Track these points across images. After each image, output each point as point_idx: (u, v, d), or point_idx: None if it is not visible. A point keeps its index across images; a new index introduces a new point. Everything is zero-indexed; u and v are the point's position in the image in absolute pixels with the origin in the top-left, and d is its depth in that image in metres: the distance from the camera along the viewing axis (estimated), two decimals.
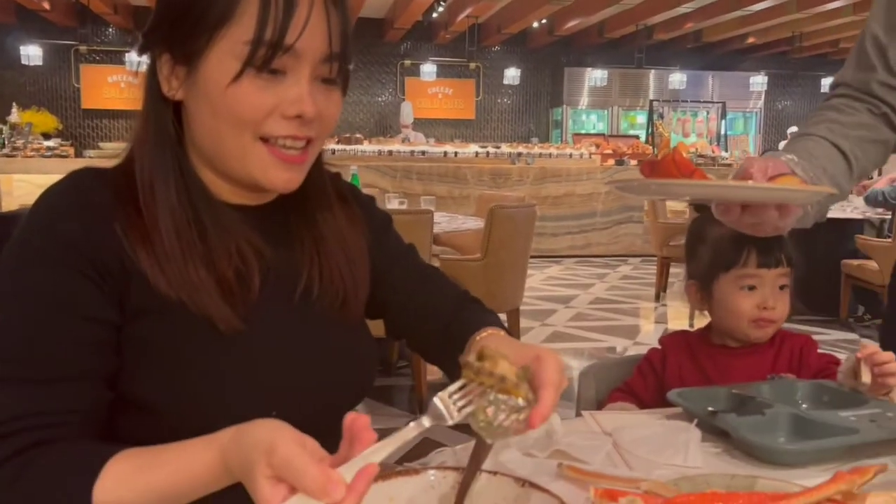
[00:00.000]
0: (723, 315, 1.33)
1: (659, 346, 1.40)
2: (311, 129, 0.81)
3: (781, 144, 10.05)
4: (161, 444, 0.71)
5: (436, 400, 0.69)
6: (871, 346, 1.09)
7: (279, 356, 0.84)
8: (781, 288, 1.32)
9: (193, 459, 0.67)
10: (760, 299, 1.30)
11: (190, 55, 0.79)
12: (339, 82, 0.83)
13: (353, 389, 0.93)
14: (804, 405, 1.06)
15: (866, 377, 1.06)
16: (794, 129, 10.79)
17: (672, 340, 1.40)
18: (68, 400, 0.74)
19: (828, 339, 4.89)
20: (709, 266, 1.34)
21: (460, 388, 0.70)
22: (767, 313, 1.29)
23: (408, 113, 9.85)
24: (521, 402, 0.70)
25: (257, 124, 0.79)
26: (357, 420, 0.62)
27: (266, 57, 0.76)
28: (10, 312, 0.75)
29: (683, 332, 1.43)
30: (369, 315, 1.00)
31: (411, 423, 0.66)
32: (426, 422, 0.67)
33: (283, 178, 0.82)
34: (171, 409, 0.78)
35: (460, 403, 0.69)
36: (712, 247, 1.34)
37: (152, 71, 0.84)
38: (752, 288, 1.31)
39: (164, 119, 0.84)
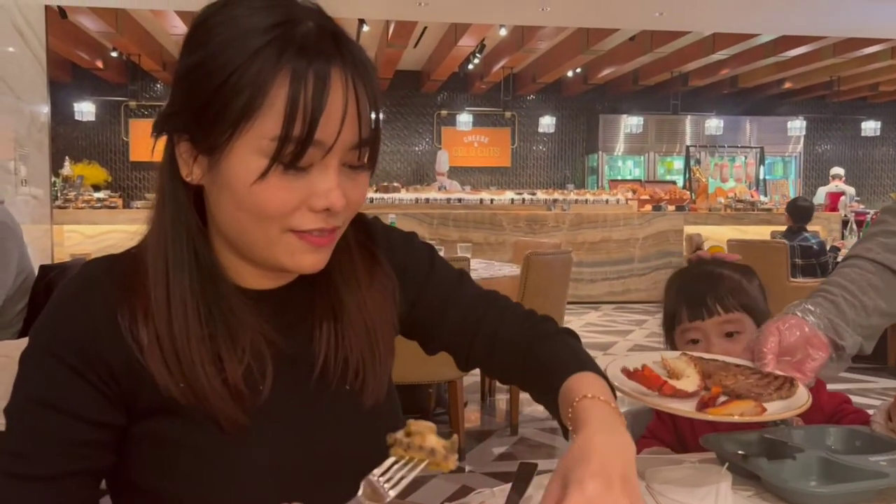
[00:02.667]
0: None
1: None
2: (338, 219, 0.77)
3: (820, 191, 9.93)
4: None
5: (367, 480, 0.72)
6: None
7: (292, 445, 0.82)
8: (729, 335, 1.29)
9: None
10: (706, 349, 1.26)
11: (212, 147, 0.74)
12: (365, 167, 0.78)
13: (370, 465, 0.87)
14: (836, 450, 1.06)
15: None
16: (836, 169, 10.62)
17: None
18: (52, 499, 0.75)
19: (875, 386, 4.76)
20: (666, 320, 1.36)
21: (392, 465, 0.74)
22: None
23: (443, 161, 10.00)
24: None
25: (284, 219, 0.75)
26: None
27: (295, 154, 0.71)
28: (15, 405, 0.77)
29: None
30: (435, 352, 0.99)
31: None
32: (359, 501, 0.71)
33: (311, 261, 0.78)
34: (179, 497, 0.78)
35: (395, 479, 0.73)
36: (669, 301, 1.35)
37: (170, 153, 0.78)
38: (695, 341, 1.30)
39: (182, 203, 0.79)
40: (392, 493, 0.71)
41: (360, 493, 0.72)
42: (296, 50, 0.70)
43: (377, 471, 0.72)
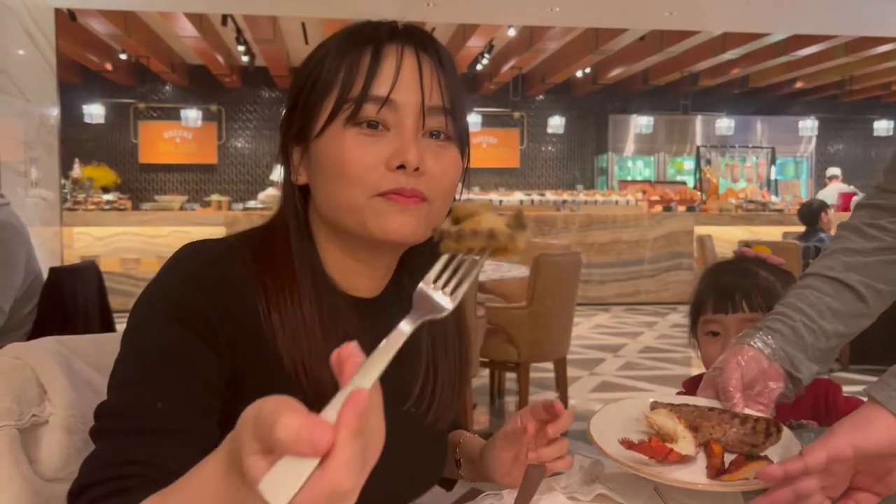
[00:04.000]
0: (702, 362, 1.33)
1: (683, 390, 1.39)
2: (419, 183, 0.80)
3: (832, 191, 9.83)
4: None
5: (420, 289, 0.57)
6: None
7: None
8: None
9: (205, 468, 0.57)
10: (723, 346, 1.25)
11: (304, 133, 0.83)
12: (452, 138, 0.84)
13: (427, 487, 0.95)
14: None
15: None
16: (833, 170, 10.50)
17: (693, 384, 1.39)
18: (162, 454, 0.71)
19: None
20: (692, 312, 1.35)
21: (446, 266, 0.59)
22: None
23: None
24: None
25: (367, 181, 0.79)
26: (344, 348, 0.48)
27: (355, 109, 0.79)
28: (130, 368, 0.76)
29: (704, 374, 1.41)
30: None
31: (400, 324, 0.53)
32: (417, 318, 0.54)
33: (397, 223, 0.80)
34: None
35: (453, 283, 0.57)
36: (694, 294, 1.36)
37: (287, 163, 0.87)
38: (715, 334, 1.30)
39: (295, 204, 0.86)
40: (451, 303, 0.56)
41: (413, 309, 0.55)
42: (359, 40, 0.82)
43: (429, 276, 0.57)
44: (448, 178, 0.83)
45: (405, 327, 0.52)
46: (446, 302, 0.56)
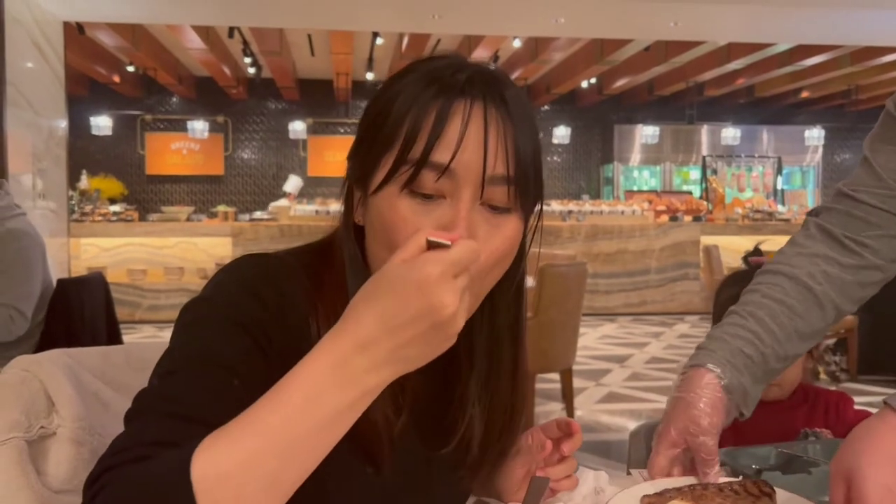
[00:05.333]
0: None
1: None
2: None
3: None
4: None
5: None
6: None
7: (397, 490, 0.83)
8: None
9: (301, 371, 0.60)
10: None
11: (364, 179, 0.78)
12: (514, 211, 0.76)
13: None
14: None
15: None
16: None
17: None
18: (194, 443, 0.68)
19: None
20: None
21: None
22: None
23: None
24: None
25: None
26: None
27: (412, 175, 0.73)
28: (178, 360, 0.73)
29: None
30: None
31: None
32: None
33: None
34: None
35: None
36: (715, 306, 1.37)
37: (349, 195, 0.82)
38: None
39: (352, 240, 0.82)
40: None
41: None
42: (435, 87, 0.74)
43: None
44: (498, 253, 0.76)
45: None
46: None
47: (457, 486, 0.93)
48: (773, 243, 8.21)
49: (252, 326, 0.74)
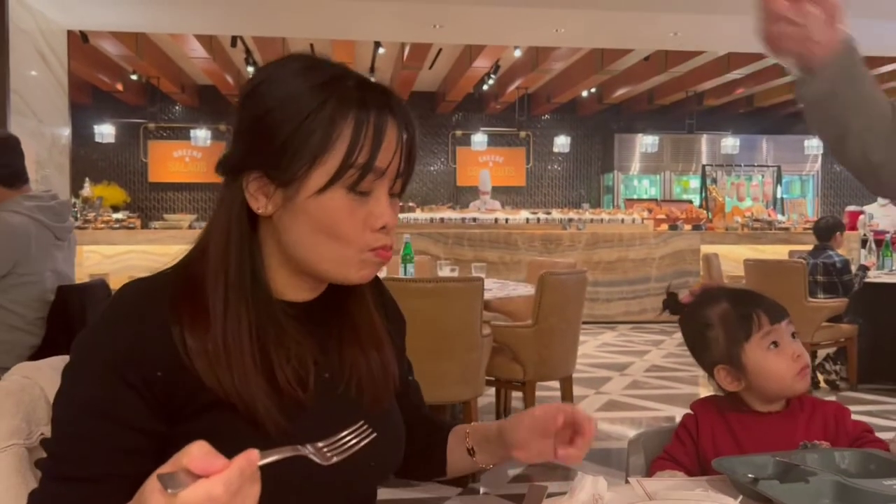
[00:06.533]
0: (764, 382, 1.32)
1: (692, 412, 1.40)
2: (389, 238, 0.92)
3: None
4: None
5: None
6: None
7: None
8: (794, 336, 1.34)
9: None
10: (790, 350, 1.31)
11: (289, 181, 0.86)
12: (398, 194, 0.94)
13: (386, 472, 1.00)
14: (849, 473, 1.05)
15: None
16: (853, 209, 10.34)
17: (702, 406, 1.40)
18: (91, 498, 0.80)
19: None
20: (728, 344, 1.34)
21: None
22: (802, 360, 1.31)
23: (485, 181, 10.03)
24: None
25: (360, 241, 0.88)
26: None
27: (358, 178, 0.86)
28: (61, 412, 0.84)
29: (713, 396, 1.42)
30: None
31: None
32: None
33: (374, 272, 0.93)
34: None
35: None
36: (722, 326, 1.35)
37: (237, 190, 0.90)
38: (776, 344, 1.32)
39: (248, 233, 0.91)
40: None
41: None
42: (356, 97, 0.87)
43: None
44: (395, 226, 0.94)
45: None
46: None
47: (372, 419, 0.94)
48: (773, 252, 8.22)
49: (122, 366, 0.81)
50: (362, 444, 0.78)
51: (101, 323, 0.85)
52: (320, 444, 0.74)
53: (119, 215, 8.85)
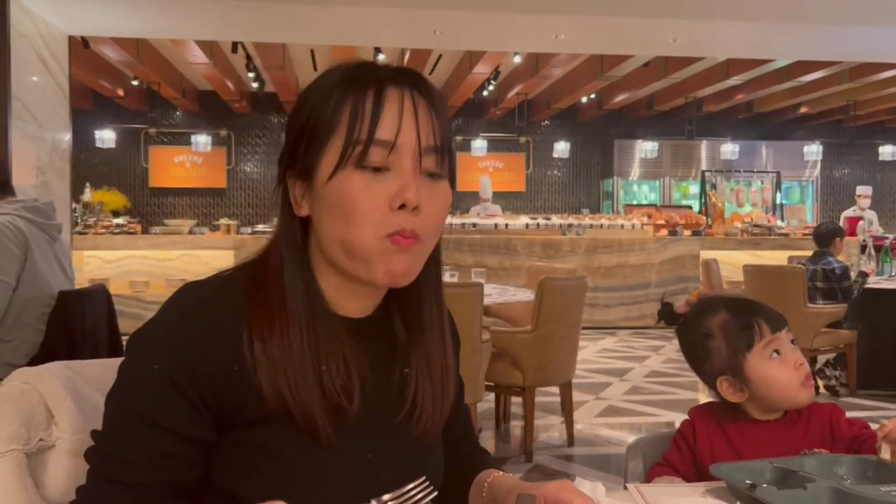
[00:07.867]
0: (768, 391, 1.31)
1: (689, 419, 1.40)
2: (416, 222, 0.85)
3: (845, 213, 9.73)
4: None
5: None
6: (891, 423, 1.10)
7: (371, 466, 0.88)
8: (793, 343, 1.35)
9: None
10: (792, 359, 1.31)
11: (308, 169, 0.87)
12: (444, 175, 0.89)
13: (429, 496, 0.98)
14: (847, 480, 1.05)
15: (885, 454, 1.07)
16: (862, 189, 10.26)
17: (699, 413, 1.40)
18: (135, 503, 0.82)
19: (895, 413, 4.69)
20: (731, 354, 1.33)
21: None
22: (804, 368, 1.31)
23: (486, 187, 10.03)
24: None
25: (374, 221, 0.84)
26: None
27: (362, 151, 0.83)
28: (114, 412, 0.84)
29: (711, 403, 1.42)
30: None
31: None
32: None
33: (400, 265, 0.86)
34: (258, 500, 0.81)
35: None
36: (723, 336, 1.34)
37: (285, 194, 0.91)
38: (778, 353, 1.32)
39: (296, 239, 0.90)
40: None
41: None
42: (360, 81, 0.86)
43: None
44: (441, 215, 0.89)
45: None
46: None
47: (419, 448, 0.95)
48: (772, 258, 8.23)
49: (175, 372, 0.81)
50: (425, 501, 0.77)
51: (163, 324, 0.85)
52: (385, 498, 0.75)
53: (119, 220, 8.85)
